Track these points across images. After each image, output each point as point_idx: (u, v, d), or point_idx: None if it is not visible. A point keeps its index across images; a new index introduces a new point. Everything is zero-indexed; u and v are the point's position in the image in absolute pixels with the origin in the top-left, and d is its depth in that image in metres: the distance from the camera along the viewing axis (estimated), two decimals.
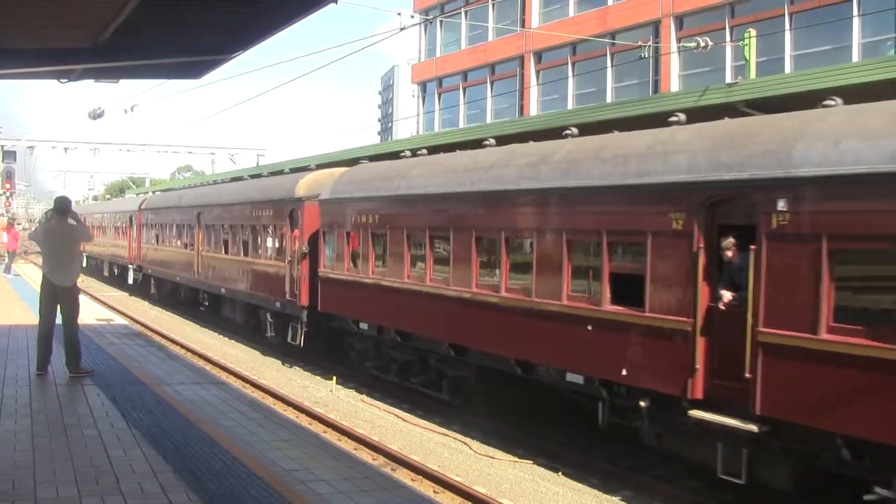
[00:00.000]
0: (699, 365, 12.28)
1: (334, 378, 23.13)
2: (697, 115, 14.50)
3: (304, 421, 17.01)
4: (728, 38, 36.29)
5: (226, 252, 31.43)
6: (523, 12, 50.85)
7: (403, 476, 13.88)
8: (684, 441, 13.70)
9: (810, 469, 11.92)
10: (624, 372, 13.55)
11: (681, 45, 37.71)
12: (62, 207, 14.86)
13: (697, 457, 13.47)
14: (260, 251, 28.31)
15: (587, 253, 14.65)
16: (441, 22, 56.89)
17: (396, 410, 20.16)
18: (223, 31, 13.05)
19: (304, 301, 24.44)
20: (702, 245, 12.33)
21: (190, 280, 35.79)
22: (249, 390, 19.45)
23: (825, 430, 10.80)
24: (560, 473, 15.28)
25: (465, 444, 17.27)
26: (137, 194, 63.44)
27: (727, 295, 12.12)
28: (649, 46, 34.62)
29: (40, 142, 73.15)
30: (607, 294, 13.94)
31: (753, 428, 11.58)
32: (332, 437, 15.90)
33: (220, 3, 11.45)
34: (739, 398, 11.71)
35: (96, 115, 45.24)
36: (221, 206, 32.85)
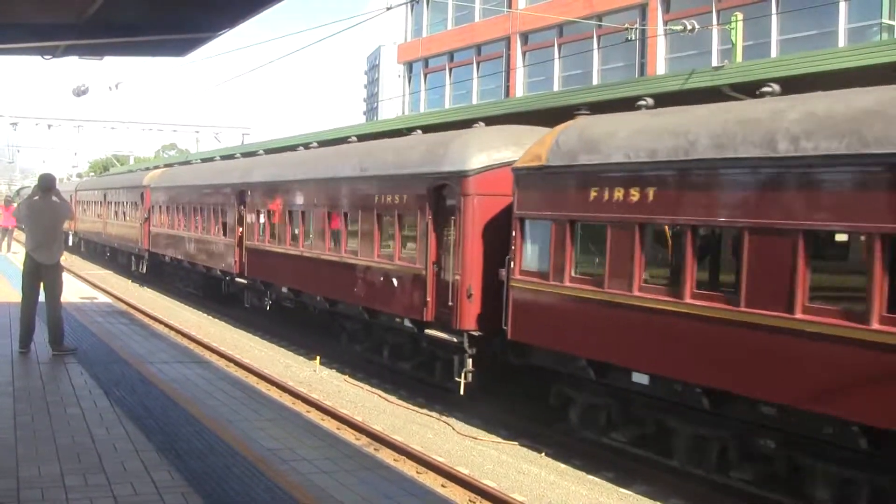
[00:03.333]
0: (236, 259, 29.47)
1: (318, 358, 23.17)
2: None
3: (287, 400, 17.03)
4: (715, 21, 36.28)
5: (116, 219, 48.10)
6: None
7: (386, 456, 13.91)
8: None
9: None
10: (216, 264, 31.75)
11: (667, 27, 37.67)
12: (46, 185, 14.76)
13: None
14: (129, 218, 44.72)
15: (217, 215, 31.75)
16: (427, 2, 56.67)
17: (380, 391, 20.20)
18: (209, 9, 12.95)
19: (146, 246, 40.93)
20: (238, 210, 29.52)
21: (101, 239, 52.52)
22: (233, 369, 19.44)
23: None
24: (543, 454, 15.36)
25: (449, 424, 17.32)
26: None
27: (239, 229, 29.14)
28: (636, 29, 34.61)
29: (23, 118, 72.79)
30: (214, 228, 31.86)
31: (245, 281, 29.35)
32: (315, 416, 15.92)
33: None
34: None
35: (81, 92, 45.17)
36: (114, 188, 49.82)
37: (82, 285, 31.40)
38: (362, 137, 26.01)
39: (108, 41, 14.47)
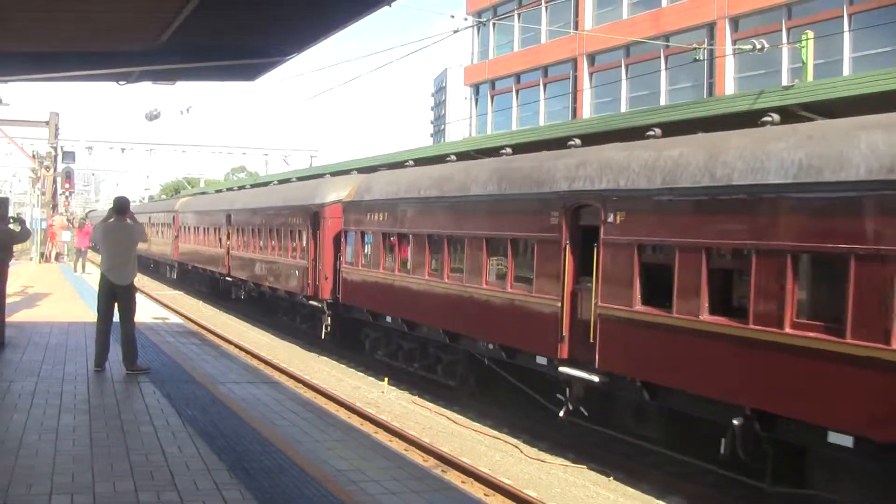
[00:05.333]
0: (226, 264, 40.08)
1: (386, 379, 23.27)
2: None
3: (355, 422, 17.10)
4: (784, 39, 35.95)
5: (156, 237, 57.08)
6: (576, 14, 50.70)
7: (454, 478, 13.91)
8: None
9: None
10: (215, 268, 42.54)
11: (736, 47, 37.42)
12: (121, 207, 15.02)
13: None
14: (165, 236, 55.31)
15: (216, 232, 42.27)
16: (494, 24, 56.80)
17: (447, 412, 20.23)
18: (278, 34, 13.17)
19: (176, 258, 51.93)
20: (227, 228, 40.05)
21: (147, 254, 57.66)
22: (302, 390, 19.58)
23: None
24: (611, 479, 15.25)
25: (516, 447, 17.28)
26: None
27: (227, 242, 38.89)
28: (704, 49, 34.40)
29: (98, 142, 74.31)
30: (214, 242, 42.71)
31: (231, 279, 40.85)
32: (383, 437, 15.97)
33: (276, 5, 11.55)
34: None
35: (153, 117, 46.06)
36: (156, 212, 61.47)
37: (154, 306, 31.87)
38: (301, 178, 39.87)
39: (180, 66, 14.76)
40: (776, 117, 13.96)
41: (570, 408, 16.48)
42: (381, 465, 9.72)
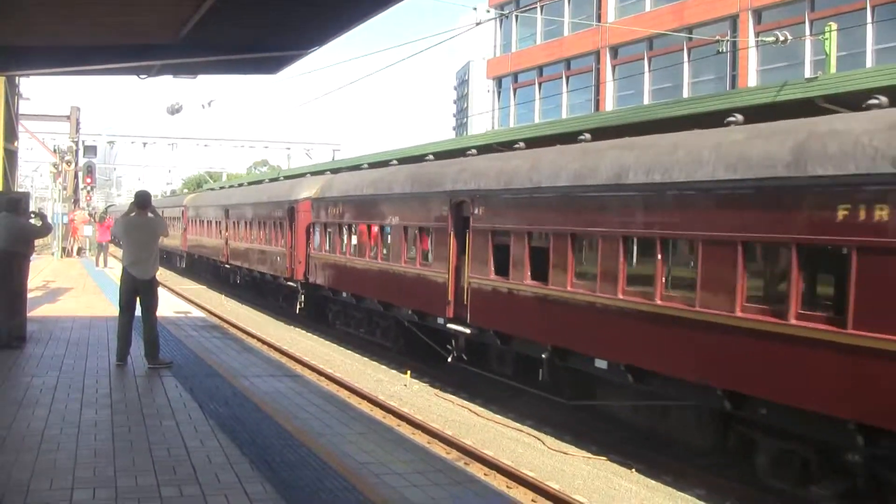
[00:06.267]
0: (224, 253, 45.95)
1: (408, 372, 23.27)
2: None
3: (378, 414, 17.09)
4: (808, 32, 35.67)
5: (172, 228, 55.16)
6: (599, 7, 50.46)
7: (477, 470, 13.89)
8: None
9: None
10: (216, 257, 48.63)
11: (759, 39, 37.14)
12: (142, 201, 14.99)
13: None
14: (175, 229, 57.16)
15: (217, 224, 48.45)
16: (516, 17, 56.59)
17: (470, 405, 20.20)
18: (300, 27, 13.12)
19: (184, 249, 57.55)
20: (225, 221, 45.78)
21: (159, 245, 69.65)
22: (324, 383, 19.58)
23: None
24: (633, 470, 15.21)
25: (539, 439, 17.24)
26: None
27: (226, 233, 45.65)
28: (727, 41, 34.17)
29: (120, 136, 74.60)
30: (215, 233, 48.99)
31: (229, 266, 47.23)
32: (406, 430, 15.96)
33: None
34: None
35: (174, 111, 46.18)
36: (167, 207, 63.27)
37: (177, 300, 31.95)
38: (289, 177, 47.42)
39: (202, 60, 14.74)
40: (588, 136, 18.81)
41: (456, 355, 21.92)
42: (404, 458, 9.69)
